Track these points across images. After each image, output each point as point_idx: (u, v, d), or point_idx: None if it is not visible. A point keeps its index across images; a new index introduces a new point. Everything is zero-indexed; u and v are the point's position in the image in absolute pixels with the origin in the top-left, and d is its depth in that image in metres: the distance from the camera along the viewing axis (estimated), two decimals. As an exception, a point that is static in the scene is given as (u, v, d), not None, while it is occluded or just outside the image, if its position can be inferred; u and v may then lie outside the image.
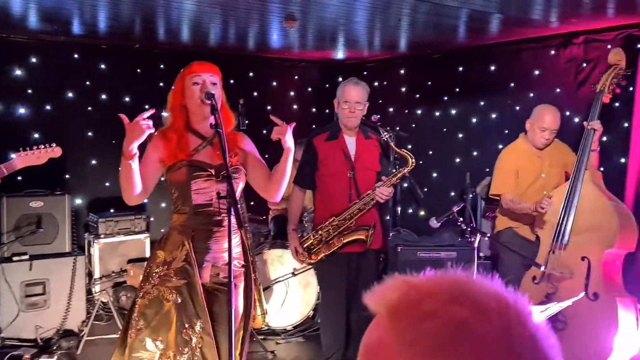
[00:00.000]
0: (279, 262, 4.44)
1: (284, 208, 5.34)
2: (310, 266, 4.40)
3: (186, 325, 2.38)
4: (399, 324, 0.53)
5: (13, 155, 2.97)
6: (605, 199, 3.30)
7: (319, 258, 3.35)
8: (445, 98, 5.74)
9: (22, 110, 5.03)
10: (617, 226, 3.20)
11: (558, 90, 4.66)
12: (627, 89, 4.04)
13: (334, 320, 3.47)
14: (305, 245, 3.37)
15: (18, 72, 5.02)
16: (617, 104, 4.22)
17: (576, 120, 4.50)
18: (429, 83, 5.94)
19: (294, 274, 4.38)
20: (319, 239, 3.34)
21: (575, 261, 3.29)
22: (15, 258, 4.12)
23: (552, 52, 4.74)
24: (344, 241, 3.28)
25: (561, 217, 3.34)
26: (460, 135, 5.62)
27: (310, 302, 4.47)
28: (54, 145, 2.60)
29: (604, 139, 4.21)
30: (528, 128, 3.63)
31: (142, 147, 2.48)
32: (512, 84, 5.10)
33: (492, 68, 5.26)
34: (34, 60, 5.09)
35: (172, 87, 2.57)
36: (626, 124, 4.20)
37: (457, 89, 5.61)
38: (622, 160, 4.23)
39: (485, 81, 5.32)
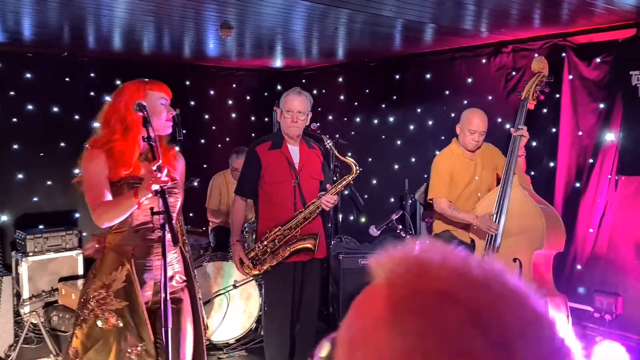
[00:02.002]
0: (220, 274, 4.35)
1: (223, 220, 5.25)
2: (251, 278, 4.33)
3: (128, 350, 2.30)
4: (399, 316, 0.46)
5: None
6: (532, 202, 3.43)
7: (264, 269, 3.31)
8: (383, 105, 5.82)
9: (-61, 122, 4.72)
10: (545, 228, 3.32)
11: (490, 97, 4.81)
12: (553, 95, 4.23)
13: (279, 330, 3.43)
14: (250, 257, 3.32)
15: None
16: (545, 110, 4.40)
17: (507, 126, 4.66)
18: (367, 91, 6.01)
19: (235, 286, 4.30)
20: (264, 250, 3.29)
21: (507, 263, 3.39)
22: None
23: (484, 60, 4.90)
24: (291, 250, 3.25)
25: (493, 220, 3.44)
26: (399, 142, 5.71)
27: (253, 314, 4.39)
28: None
29: (534, 144, 4.39)
30: (458, 132, 3.73)
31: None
32: (447, 92, 5.23)
33: (428, 76, 5.38)
34: (-49, 69, 4.78)
35: (114, 98, 2.42)
36: (554, 129, 4.38)
37: (394, 97, 5.70)
38: (551, 164, 4.41)
39: (421, 89, 5.44)
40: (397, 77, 5.66)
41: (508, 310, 0.46)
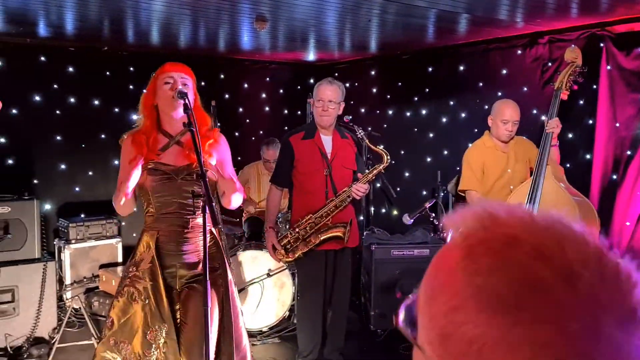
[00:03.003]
0: (254, 263, 4.43)
1: (257, 211, 5.34)
2: (285, 266, 4.41)
3: (151, 329, 2.39)
4: (471, 260, 0.49)
5: None
6: (566, 193, 3.39)
7: (296, 256, 3.37)
8: (416, 98, 5.81)
9: (-13, 114, 4.91)
10: (578, 219, 3.28)
11: (525, 89, 4.76)
12: (590, 86, 4.17)
13: (312, 318, 3.49)
14: (282, 244, 3.39)
15: (-18, 75, 4.91)
16: (581, 102, 4.34)
17: (542, 118, 4.61)
18: (399, 83, 6.00)
19: (269, 275, 4.38)
20: (296, 237, 3.36)
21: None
22: (-19, 265, 4.02)
23: (519, 51, 4.85)
24: (321, 238, 3.31)
25: None
26: (431, 135, 5.70)
27: (286, 303, 4.47)
28: None
29: (570, 136, 4.33)
30: (490, 124, 3.72)
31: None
32: (481, 84, 5.19)
33: (461, 68, 5.35)
34: (-1, 63, 4.98)
35: (145, 90, 2.56)
36: (590, 121, 4.31)
37: (427, 89, 5.68)
38: (587, 156, 4.35)
39: (455, 81, 5.41)
40: (430, 69, 5.65)
41: (569, 246, 0.48)
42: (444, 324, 0.49)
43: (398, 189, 5.59)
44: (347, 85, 6.34)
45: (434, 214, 3.23)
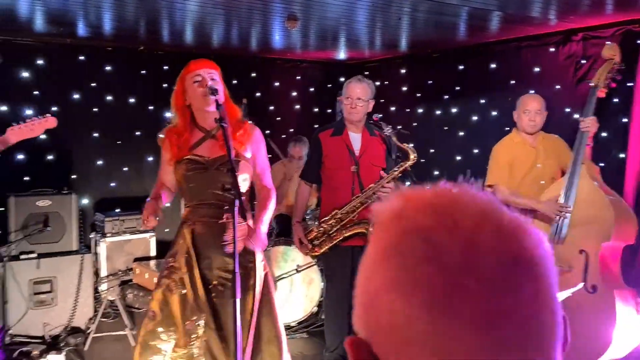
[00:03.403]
0: (283, 259, 4.50)
1: (287, 207, 5.41)
2: (314, 262, 4.46)
3: (189, 319, 2.45)
4: (379, 226, 0.55)
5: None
6: (601, 193, 3.34)
7: (322, 251, 3.41)
8: (446, 97, 5.79)
9: (28, 112, 5.10)
10: (613, 218, 3.24)
11: (558, 86, 4.70)
12: (625, 84, 4.09)
13: (338, 313, 3.53)
14: (309, 238, 3.44)
15: (25, 74, 5.10)
16: (615, 100, 4.26)
17: (576, 116, 4.54)
18: (430, 82, 5.99)
19: (297, 271, 4.44)
20: (322, 232, 3.40)
21: (573, 255, 3.33)
22: (23, 256, 4.19)
23: (552, 49, 4.79)
24: (346, 234, 3.34)
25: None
26: (461, 134, 5.67)
27: (314, 299, 4.52)
28: (48, 115, 2.58)
29: (604, 134, 4.26)
30: (516, 118, 3.72)
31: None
32: (512, 82, 5.14)
33: (492, 66, 5.31)
34: (40, 62, 5.17)
35: (174, 88, 2.64)
36: (625, 119, 4.24)
37: (458, 88, 5.66)
38: (622, 155, 4.27)
39: (486, 79, 5.37)
40: (461, 67, 5.62)
41: (457, 202, 0.54)
42: (362, 290, 0.55)
43: (427, 187, 5.57)
44: (377, 83, 6.35)
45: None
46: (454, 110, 5.76)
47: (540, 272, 0.52)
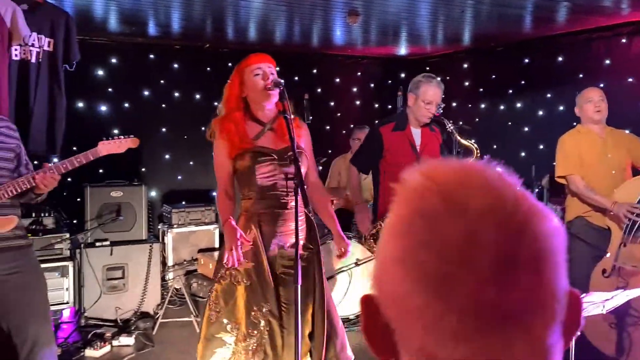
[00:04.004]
0: (342, 252, 4.54)
1: (345, 202, 5.45)
2: (373, 257, 4.48)
3: (255, 308, 2.48)
4: (395, 203, 0.57)
5: None
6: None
7: None
8: (510, 91, 5.67)
9: (103, 108, 5.40)
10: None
11: (630, 79, 4.51)
12: None
13: None
14: (372, 232, 3.44)
15: (100, 72, 5.39)
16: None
17: (649, 110, 4.35)
18: (493, 76, 5.87)
19: (357, 264, 4.47)
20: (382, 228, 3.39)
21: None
22: (97, 243, 4.43)
23: (624, 40, 4.60)
24: None
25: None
26: (526, 129, 5.53)
27: (373, 293, 4.53)
28: (132, 136, 2.81)
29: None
30: (578, 113, 3.64)
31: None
32: (581, 75, 4.97)
33: (560, 59, 5.15)
34: (113, 60, 5.45)
35: (229, 81, 2.69)
36: None
37: (523, 82, 5.52)
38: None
39: (552, 73, 5.22)
40: (526, 61, 5.48)
41: (468, 185, 0.54)
42: (378, 257, 0.58)
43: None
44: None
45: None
46: (518, 105, 5.63)
47: (543, 266, 0.51)
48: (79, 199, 4.70)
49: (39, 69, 3.44)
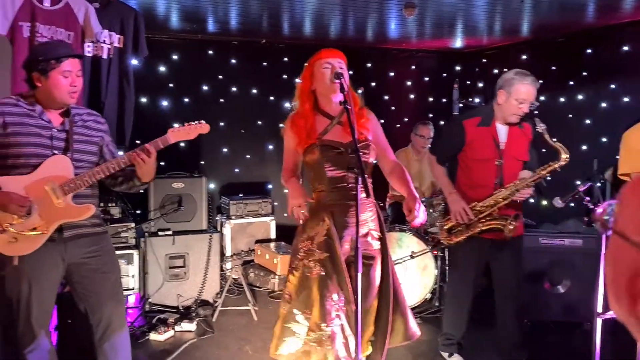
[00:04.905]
0: (398, 245, 4.55)
1: (401, 195, 5.45)
2: (428, 249, 4.47)
3: (330, 298, 2.51)
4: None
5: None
6: None
7: (457, 240, 3.36)
8: (571, 83, 5.51)
9: (164, 103, 5.59)
10: None
11: (701, 68, 4.31)
12: None
13: (458, 303, 3.49)
14: (446, 227, 3.41)
15: (162, 68, 5.59)
16: None
17: None
18: (553, 68, 5.72)
19: (412, 257, 4.47)
20: (460, 222, 3.35)
21: None
22: (160, 233, 4.61)
23: (695, 27, 4.40)
24: (482, 228, 3.27)
25: None
26: (588, 121, 5.37)
27: (428, 286, 4.53)
28: (203, 122, 2.82)
29: None
30: None
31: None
32: (648, 65, 4.79)
33: (625, 49, 4.96)
34: (175, 57, 5.64)
35: (301, 75, 2.76)
36: None
37: (585, 73, 5.36)
38: None
39: (617, 63, 5.04)
40: (589, 51, 5.31)
41: None
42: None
43: (549, 177, 5.34)
44: (496, 71, 6.20)
45: (588, 198, 3.05)
46: (579, 97, 5.47)
47: None
48: (142, 190, 4.88)
49: (110, 65, 3.62)
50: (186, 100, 5.62)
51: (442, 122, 6.93)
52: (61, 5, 3.36)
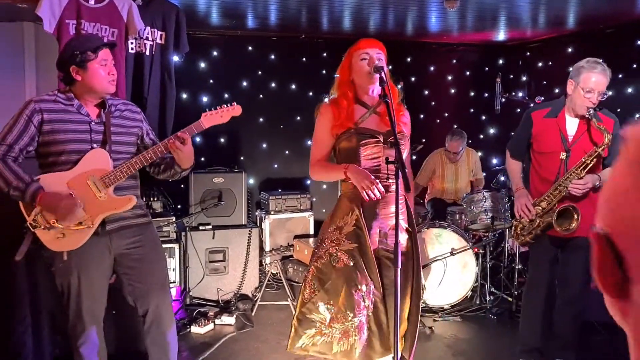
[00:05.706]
0: (438, 241, 4.49)
1: (440, 191, 5.38)
2: (469, 246, 4.39)
3: (358, 288, 2.49)
4: (627, 143, 0.59)
5: None
6: None
7: (526, 240, 3.24)
8: (620, 75, 5.30)
9: (205, 99, 5.66)
10: None
11: None
12: None
13: (534, 310, 3.33)
14: (514, 227, 3.31)
15: (202, 64, 5.66)
16: None
17: None
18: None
19: (452, 254, 4.40)
20: (528, 220, 3.21)
21: None
22: (201, 227, 4.67)
23: None
24: (542, 226, 3.15)
25: None
26: (638, 115, 5.17)
27: (468, 283, 4.45)
28: (235, 103, 2.80)
29: None
30: None
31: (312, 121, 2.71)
32: (703, 56, 4.57)
33: (679, 39, 4.75)
34: (215, 53, 5.69)
35: (340, 65, 2.74)
36: None
37: (634, 65, 5.16)
38: None
39: (669, 54, 4.83)
40: (639, 42, 5.11)
41: None
42: (610, 191, 0.61)
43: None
44: (540, 64, 6.04)
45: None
46: (629, 90, 5.27)
47: None
48: (182, 185, 4.96)
49: (152, 61, 3.68)
50: (226, 96, 5.67)
51: (483, 117, 6.80)
52: (105, 2, 3.43)
